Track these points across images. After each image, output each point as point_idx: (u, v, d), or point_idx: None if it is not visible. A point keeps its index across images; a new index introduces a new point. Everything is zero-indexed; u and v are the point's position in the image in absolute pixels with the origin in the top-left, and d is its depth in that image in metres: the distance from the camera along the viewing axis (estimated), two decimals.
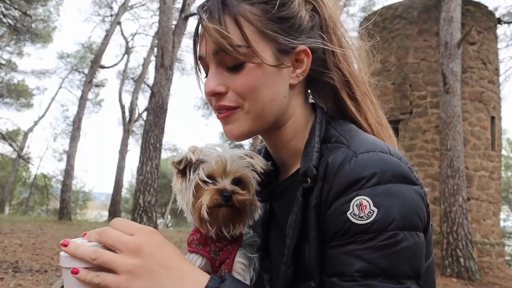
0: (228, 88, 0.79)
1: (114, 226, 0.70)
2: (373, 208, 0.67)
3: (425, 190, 0.75)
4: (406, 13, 11.67)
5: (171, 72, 11.85)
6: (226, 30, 0.75)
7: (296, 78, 0.82)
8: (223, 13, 0.76)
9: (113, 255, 0.67)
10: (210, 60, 0.80)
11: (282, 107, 0.82)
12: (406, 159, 0.75)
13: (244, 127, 0.81)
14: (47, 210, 27.83)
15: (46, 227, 11.74)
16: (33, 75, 25.70)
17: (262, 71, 0.77)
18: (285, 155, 0.89)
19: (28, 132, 27.72)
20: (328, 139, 0.80)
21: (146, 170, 10.77)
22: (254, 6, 0.77)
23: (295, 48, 0.80)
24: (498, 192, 11.66)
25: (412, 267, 0.67)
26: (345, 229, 0.68)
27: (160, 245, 0.69)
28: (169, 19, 11.82)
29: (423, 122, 11.00)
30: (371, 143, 0.74)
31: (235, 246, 0.83)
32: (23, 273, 5.86)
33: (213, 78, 0.79)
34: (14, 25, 16.03)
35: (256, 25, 0.77)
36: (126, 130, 22.47)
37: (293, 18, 0.80)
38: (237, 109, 0.80)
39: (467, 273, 8.75)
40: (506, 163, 29.46)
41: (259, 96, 0.78)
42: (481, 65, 11.52)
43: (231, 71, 0.78)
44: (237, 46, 0.75)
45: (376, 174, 0.69)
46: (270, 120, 0.82)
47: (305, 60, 0.81)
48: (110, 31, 20.15)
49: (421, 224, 0.70)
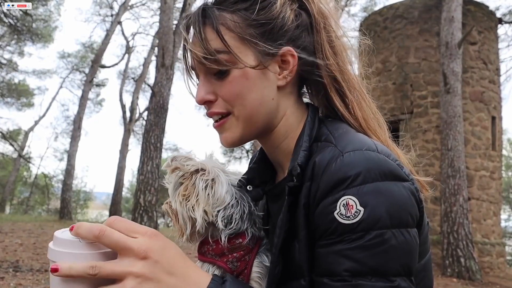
0: (217, 96, 0.81)
1: (113, 226, 0.65)
2: (359, 208, 0.67)
3: (417, 186, 0.74)
4: (407, 13, 11.67)
5: (172, 72, 11.85)
6: (206, 40, 0.77)
7: (284, 79, 0.82)
8: (203, 25, 0.78)
9: (114, 264, 0.62)
10: (199, 70, 0.82)
11: (272, 110, 0.82)
12: (395, 156, 0.74)
13: (236, 133, 0.83)
14: (48, 210, 27.87)
15: (47, 227, 11.75)
16: (34, 74, 25.73)
17: (246, 76, 0.79)
18: (280, 156, 0.89)
19: (28, 131, 27.76)
20: (319, 137, 0.80)
21: (147, 169, 10.77)
22: (235, 13, 0.79)
23: (278, 50, 0.80)
24: (499, 192, 11.65)
25: (402, 265, 0.67)
26: (333, 229, 0.68)
27: (164, 249, 0.66)
28: (170, 18, 11.82)
29: (423, 122, 10.99)
30: (358, 142, 0.74)
31: (252, 255, 0.82)
32: (24, 273, 5.86)
33: (202, 86, 0.82)
34: (15, 24, 16.04)
35: (236, 32, 0.78)
36: (126, 129, 22.47)
37: (274, 20, 0.80)
38: (229, 116, 0.82)
39: (467, 273, 8.74)
40: (507, 163, 29.44)
41: (246, 101, 0.80)
42: (482, 65, 11.51)
43: (218, 78, 0.80)
44: (217, 54, 0.77)
45: (362, 172, 0.68)
46: (260, 124, 0.82)
47: (291, 61, 0.81)
48: (110, 31, 20.17)
49: (413, 220, 0.70)
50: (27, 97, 25.46)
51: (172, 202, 0.84)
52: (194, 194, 0.80)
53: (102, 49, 19.85)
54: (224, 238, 0.80)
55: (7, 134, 23.08)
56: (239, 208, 0.82)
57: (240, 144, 0.85)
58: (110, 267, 0.61)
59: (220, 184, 0.81)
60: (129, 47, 25.07)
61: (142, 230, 0.65)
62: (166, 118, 11.51)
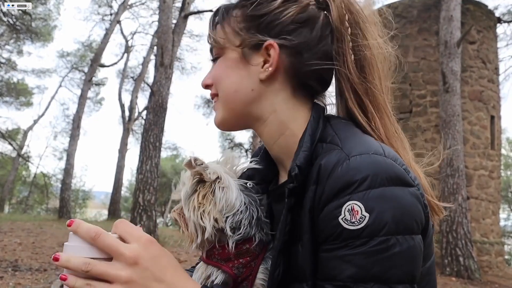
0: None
1: (116, 226, 0.69)
2: (365, 213, 0.65)
3: (422, 192, 0.72)
4: (405, 12, 11.67)
5: (171, 71, 11.84)
6: (214, 33, 0.87)
7: (264, 72, 0.82)
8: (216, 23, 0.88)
9: (107, 266, 0.65)
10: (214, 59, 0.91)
11: (250, 100, 0.84)
12: (402, 160, 0.73)
13: (219, 115, 0.88)
14: (47, 209, 27.84)
15: (46, 226, 11.73)
16: (33, 74, 25.65)
17: (226, 63, 0.86)
18: (280, 154, 0.88)
19: (27, 130, 27.69)
20: (324, 138, 0.79)
21: (146, 169, 10.76)
22: (240, 9, 0.85)
23: (261, 42, 0.82)
24: (498, 191, 11.66)
25: (405, 272, 0.66)
26: (337, 234, 0.67)
27: (156, 257, 0.68)
28: (169, 18, 11.81)
29: (422, 121, 11.00)
30: (365, 145, 0.73)
31: (258, 261, 0.80)
32: (23, 272, 5.86)
33: (207, 73, 0.91)
34: (14, 23, 16.01)
35: (232, 26, 0.85)
36: (126, 129, 22.46)
37: (266, 15, 0.82)
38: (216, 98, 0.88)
39: (466, 272, 8.76)
40: (506, 162, 29.44)
41: (223, 85, 0.86)
42: (481, 64, 11.52)
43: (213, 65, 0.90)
44: (215, 43, 0.87)
45: (368, 177, 0.67)
46: (239, 111, 0.86)
47: (272, 54, 0.81)
48: (109, 30, 20.14)
49: (418, 226, 0.69)
50: (26, 96, 25.40)
51: (185, 210, 0.82)
52: (212, 203, 0.79)
53: (101, 48, 19.83)
54: (231, 244, 0.78)
55: (6, 133, 23.06)
56: (247, 214, 0.80)
57: (228, 128, 0.90)
58: (101, 268, 0.65)
59: (230, 190, 0.80)
60: (128, 46, 25.05)
61: (138, 236, 0.68)
62: (165, 118, 11.51)
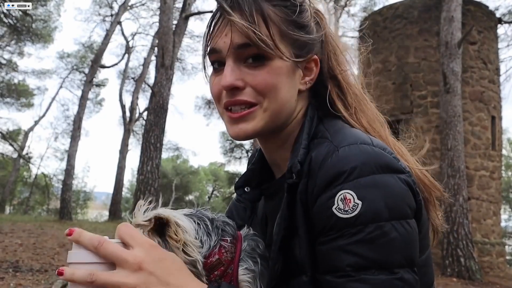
0: (246, 84, 0.77)
1: (119, 230, 0.68)
2: (357, 201, 0.66)
3: (413, 179, 0.74)
4: (406, 13, 11.67)
5: (172, 72, 11.85)
6: (255, 24, 0.74)
7: (305, 84, 0.84)
8: (254, 8, 0.76)
9: (111, 274, 0.64)
10: (229, 54, 0.78)
11: (292, 110, 0.83)
12: (390, 149, 0.75)
13: (259, 125, 0.79)
14: (48, 210, 27.86)
15: (47, 227, 11.73)
16: (33, 75, 25.68)
17: (281, 70, 0.78)
18: (279, 157, 0.89)
19: (28, 131, 27.71)
20: (316, 135, 0.81)
21: (147, 169, 10.78)
22: (276, 8, 0.78)
23: (308, 54, 0.82)
24: (499, 192, 11.65)
25: (404, 256, 0.67)
26: (332, 224, 0.68)
27: (160, 261, 0.67)
28: (170, 18, 11.82)
29: (423, 122, 10.99)
30: (353, 136, 0.74)
31: (234, 266, 0.78)
32: (24, 273, 5.86)
33: (231, 72, 0.77)
34: (14, 25, 16.04)
35: (278, 26, 0.78)
36: (126, 129, 22.48)
37: (307, 27, 0.82)
38: (256, 107, 0.78)
39: (467, 273, 8.74)
40: (507, 163, 29.44)
41: (278, 95, 0.78)
42: (482, 64, 11.51)
43: (252, 67, 0.77)
44: (264, 42, 0.75)
45: (357, 166, 0.68)
46: (282, 121, 0.82)
47: (314, 69, 0.84)
48: (110, 31, 20.13)
49: (411, 211, 0.70)
50: (26, 97, 25.43)
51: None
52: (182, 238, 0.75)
53: (102, 49, 19.83)
54: (200, 266, 0.75)
55: (7, 134, 23.09)
56: (202, 227, 0.77)
57: (252, 137, 0.83)
58: (105, 277, 0.64)
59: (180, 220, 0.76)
60: (129, 47, 25.07)
61: (141, 241, 0.67)
62: (166, 118, 11.52)
